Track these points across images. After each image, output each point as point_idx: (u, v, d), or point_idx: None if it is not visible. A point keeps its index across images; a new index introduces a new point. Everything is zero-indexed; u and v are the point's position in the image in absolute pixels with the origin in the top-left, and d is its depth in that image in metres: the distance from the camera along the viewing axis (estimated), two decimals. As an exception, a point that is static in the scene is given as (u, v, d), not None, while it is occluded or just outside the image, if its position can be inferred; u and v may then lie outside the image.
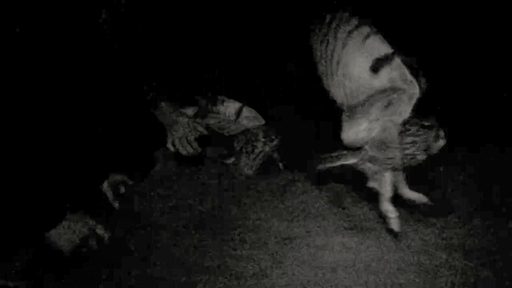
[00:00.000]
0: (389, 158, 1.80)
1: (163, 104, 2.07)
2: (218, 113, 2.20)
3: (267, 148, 2.18)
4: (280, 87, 2.32)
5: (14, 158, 1.62)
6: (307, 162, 2.00)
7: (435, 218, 1.85)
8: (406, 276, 1.65)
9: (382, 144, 1.80)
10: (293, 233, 1.84)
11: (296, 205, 1.98)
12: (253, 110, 2.21)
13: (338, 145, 1.88)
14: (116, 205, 1.91)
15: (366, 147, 1.83)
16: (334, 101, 1.84)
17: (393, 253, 1.74)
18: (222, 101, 2.20)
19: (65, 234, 1.64)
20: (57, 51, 1.72)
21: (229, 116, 2.20)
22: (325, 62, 1.79)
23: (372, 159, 1.83)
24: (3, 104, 1.62)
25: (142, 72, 2.04)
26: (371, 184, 1.87)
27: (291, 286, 1.62)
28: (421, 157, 1.81)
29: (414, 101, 1.74)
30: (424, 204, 1.86)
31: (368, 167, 1.85)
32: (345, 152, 1.89)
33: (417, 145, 1.79)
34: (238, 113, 2.19)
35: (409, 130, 1.79)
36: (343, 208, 1.97)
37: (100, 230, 1.70)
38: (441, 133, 1.79)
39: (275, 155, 2.20)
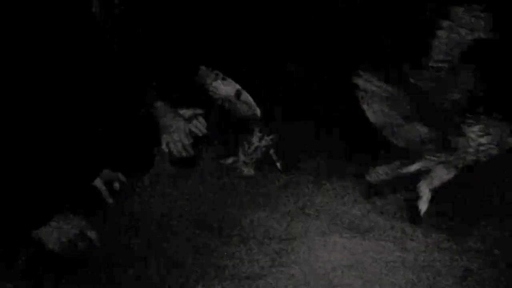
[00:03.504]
0: (459, 158, 1.78)
1: (159, 104, 2.06)
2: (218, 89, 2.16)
3: (263, 143, 2.17)
4: (280, 87, 2.32)
5: (5, 153, 1.60)
6: (365, 176, 1.97)
7: (435, 218, 1.86)
8: (406, 276, 1.65)
9: (450, 146, 1.78)
10: (293, 233, 1.84)
11: (296, 205, 1.98)
12: (250, 98, 2.17)
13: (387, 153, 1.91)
14: (110, 201, 1.87)
15: (433, 158, 1.81)
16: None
17: (393, 253, 1.74)
18: (222, 78, 2.16)
19: (54, 234, 1.61)
20: (53, 48, 1.71)
21: (229, 97, 2.17)
22: None
23: (441, 162, 1.81)
24: None
25: (140, 71, 2.03)
26: (422, 182, 1.85)
27: (290, 286, 1.62)
28: (494, 151, 1.76)
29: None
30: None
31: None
32: (406, 161, 1.87)
33: (490, 136, 1.74)
34: (237, 95, 2.16)
35: (475, 120, 1.75)
36: (343, 208, 1.97)
37: (91, 234, 1.64)
38: None
39: (273, 154, 2.20)
